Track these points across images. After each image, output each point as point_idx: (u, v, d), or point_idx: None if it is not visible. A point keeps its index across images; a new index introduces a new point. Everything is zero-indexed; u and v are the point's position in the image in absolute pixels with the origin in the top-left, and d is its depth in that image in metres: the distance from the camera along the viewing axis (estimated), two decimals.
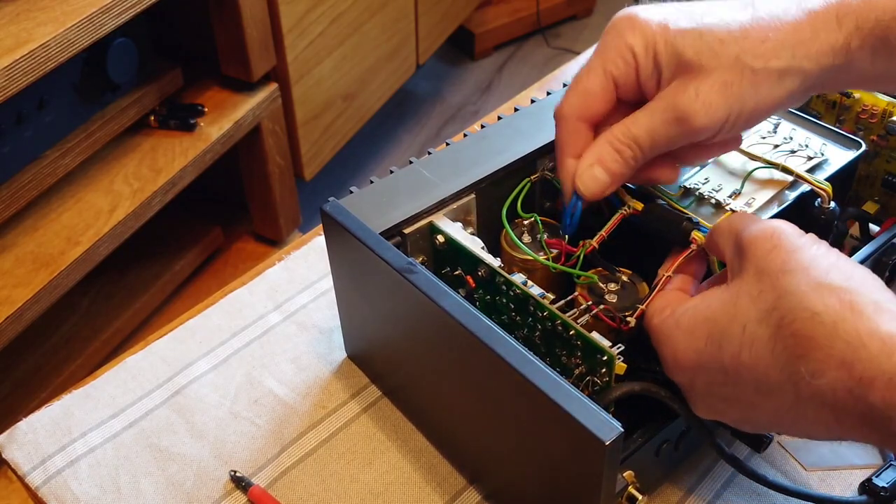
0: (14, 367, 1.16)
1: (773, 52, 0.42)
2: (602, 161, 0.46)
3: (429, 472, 0.53)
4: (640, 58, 0.45)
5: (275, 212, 1.42)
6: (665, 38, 0.44)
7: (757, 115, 0.44)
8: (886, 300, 0.35)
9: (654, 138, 0.45)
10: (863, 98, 0.59)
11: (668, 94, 0.44)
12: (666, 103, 0.44)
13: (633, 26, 0.45)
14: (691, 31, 0.43)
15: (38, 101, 1.01)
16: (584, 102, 0.47)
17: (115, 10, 0.98)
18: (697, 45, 0.43)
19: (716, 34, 0.43)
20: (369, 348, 0.57)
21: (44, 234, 1.06)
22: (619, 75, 0.45)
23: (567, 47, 2.28)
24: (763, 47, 0.42)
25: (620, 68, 0.45)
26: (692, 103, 0.43)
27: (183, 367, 0.60)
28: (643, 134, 0.45)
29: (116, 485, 0.53)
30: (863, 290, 0.35)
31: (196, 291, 1.37)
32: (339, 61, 1.50)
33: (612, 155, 0.46)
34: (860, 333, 0.34)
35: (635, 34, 0.44)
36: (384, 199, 0.51)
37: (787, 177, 0.54)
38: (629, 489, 0.43)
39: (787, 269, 0.37)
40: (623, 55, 0.45)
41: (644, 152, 0.46)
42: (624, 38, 0.45)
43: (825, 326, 0.34)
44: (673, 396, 0.43)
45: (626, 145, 0.46)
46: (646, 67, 0.45)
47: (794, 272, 0.37)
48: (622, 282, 0.51)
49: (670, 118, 0.44)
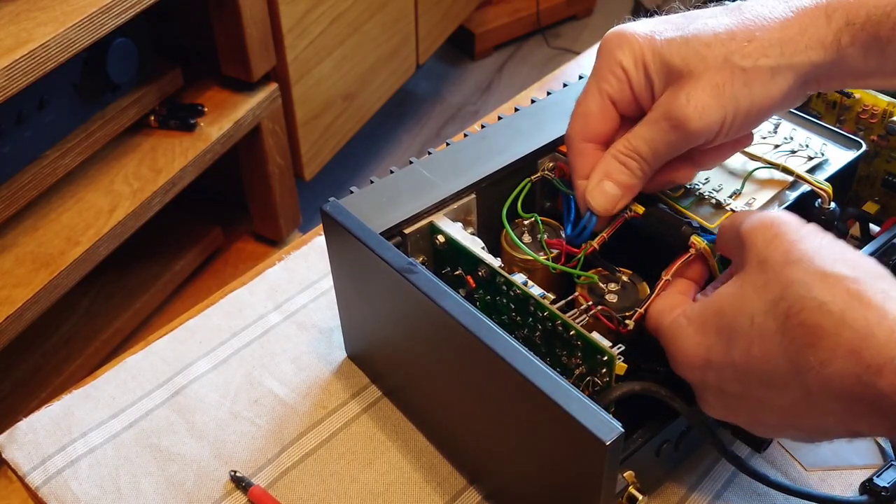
0: (14, 367, 1.16)
1: (761, 51, 0.43)
2: (610, 175, 0.47)
3: (429, 472, 0.53)
4: (631, 73, 0.45)
5: (275, 212, 1.42)
6: (652, 50, 0.45)
7: (755, 114, 0.44)
8: (894, 289, 0.35)
9: (654, 147, 0.46)
10: (863, 98, 0.59)
11: (662, 103, 0.45)
12: (661, 112, 0.45)
13: (620, 43, 0.46)
14: (677, 39, 0.44)
15: (38, 101, 1.01)
16: (586, 123, 0.48)
17: (115, 10, 0.98)
18: (684, 51, 0.44)
19: (701, 39, 0.44)
20: (369, 348, 0.57)
21: (44, 234, 1.06)
22: (614, 93, 0.46)
23: (567, 47, 2.28)
24: (750, 46, 0.43)
25: (614, 86, 0.46)
26: (685, 108, 0.43)
27: (183, 367, 0.60)
28: (643, 144, 0.46)
29: (116, 485, 0.53)
30: (870, 279, 0.35)
31: (196, 291, 1.37)
32: (339, 61, 1.50)
33: (619, 168, 0.47)
34: (868, 322, 0.34)
35: (623, 50, 0.45)
36: (384, 199, 0.51)
37: (788, 177, 0.54)
38: (629, 489, 0.43)
39: (792, 258, 0.37)
40: (615, 72, 0.46)
41: (648, 162, 0.46)
42: (614, 55, 0.46)
43: (833, 315, 0.34)
44: (673, 396, 0.43)
45: (629, 157, 0.47)
46: (638, 81, 0.46)
47: (798, 262, 0.37)
48: (622, 282, 0.51)
49: (667, 126, 0.45)
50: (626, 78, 0.46)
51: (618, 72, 0.46)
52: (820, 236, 0.38)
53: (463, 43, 2.23)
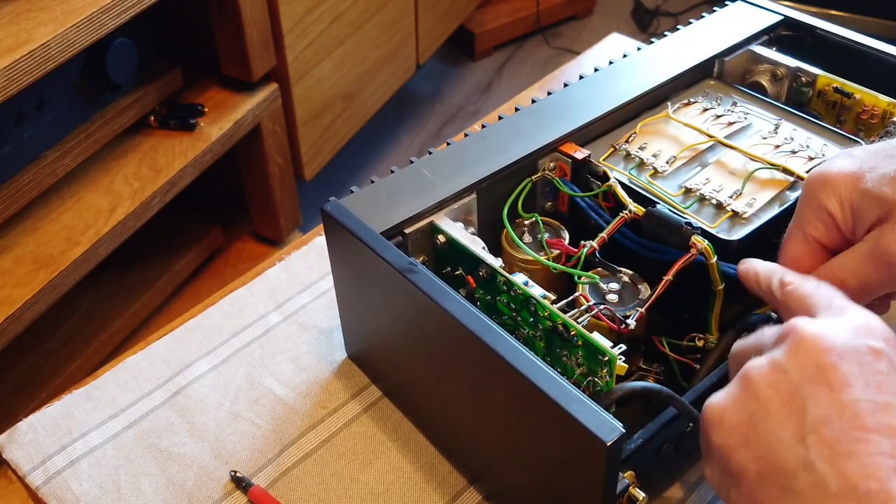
0: (14, 367, 1.16)
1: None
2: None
3: (429, 472, 0.53)
4: (837, 215, 0.44)
5: (275, 212, 1.42)
6: (860, 189, 0.43)
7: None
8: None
9: (862, 282, 0.44)
10: (863, 99, 0.59)
11: (873, 237, 0.43)
12: (871, 246, 0.43)
13: (823, 185, 0.45)
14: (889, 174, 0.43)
15: (38, 101, 1.01)
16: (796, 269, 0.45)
17: (115, 10, 0.97)
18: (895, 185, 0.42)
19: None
20: (369, 348, 0.57)
21: (44, 234, 1.06)
22: (820, 236, 0.45)
23: (567, 47, 2.28)
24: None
25: (820, 230, 0.45)
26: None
27: (183, 367, 0.60)
28: (851, 278, 0.44)
29: (116, 485, 0.53)
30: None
31: (196, 291, 1.37)
32: (339, 61, 1.50)
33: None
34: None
35: (827, 193, 0.44)
36: (385, 199, 0.51)
37: (788, 177, 0.54)
38: (630, 489, 0.43)
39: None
40: (820, 217, 0.45)
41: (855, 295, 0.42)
42: (818, 199, 0.45)
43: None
44: (674, 396, 0.43)
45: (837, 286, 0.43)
46: (845, 221, 0.44)
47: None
48: (623, 282, 0.51)
49: (878, 261, 0.43)
50: (832, 221, 0.45)
51: (823, 216, 0.45)
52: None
53: (463, 43, 2.23)
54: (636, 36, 2.13)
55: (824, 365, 0.34)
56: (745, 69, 0.66)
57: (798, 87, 0.64)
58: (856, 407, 0.33)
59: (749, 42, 0.66)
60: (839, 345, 0.35)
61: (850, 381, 0.34)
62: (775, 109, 0.61)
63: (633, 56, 0.64)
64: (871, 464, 0.32)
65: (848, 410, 0.33)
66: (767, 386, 0.35)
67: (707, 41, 0.65)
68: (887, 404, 0.34)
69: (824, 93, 0.62)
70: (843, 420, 0.33)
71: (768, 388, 0.35)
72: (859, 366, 0.35)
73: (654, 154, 0.56)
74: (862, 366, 0.35)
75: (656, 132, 0.59)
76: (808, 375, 0.35)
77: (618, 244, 0.52)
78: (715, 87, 0.64)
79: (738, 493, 0.36)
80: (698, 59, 0.63)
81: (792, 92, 0.64)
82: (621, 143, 0.58)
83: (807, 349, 0.35)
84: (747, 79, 0.66)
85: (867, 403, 0.33)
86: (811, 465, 0.33)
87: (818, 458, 0.33)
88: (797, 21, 0.67)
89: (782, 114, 0.60)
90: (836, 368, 0.34)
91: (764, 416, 0.35)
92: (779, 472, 0.34)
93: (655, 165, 0.55)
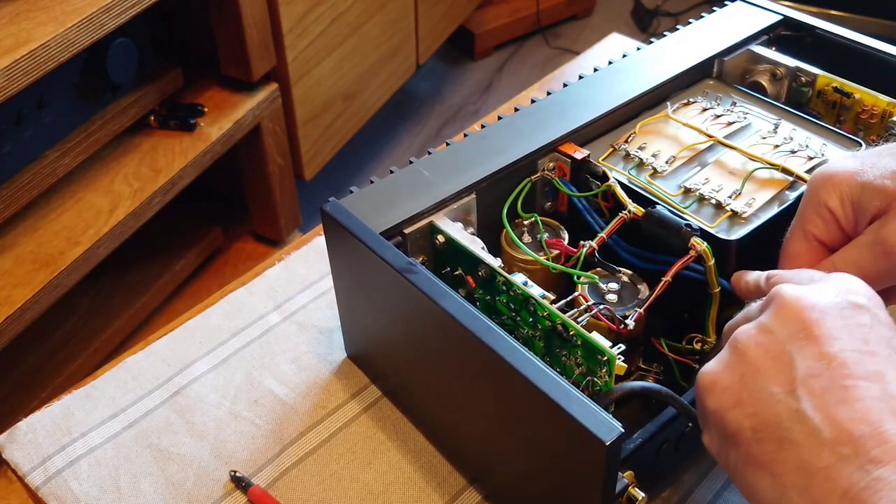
0: (14, 367, 1.16)
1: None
2: None
3: (429, 472, 0.53)
4: (838, 212, 0.45)
5: (275, 212, 1.42)
6: (861, 183, 0.44)
7: None
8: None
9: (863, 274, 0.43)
10: (863, 98, 0.59)
11: (874, 229, 0.44)
12: (871, 237, 0.44)
13: (825, 183, 0.45)
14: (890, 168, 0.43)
15: (38, 101, 1.01)
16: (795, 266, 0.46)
17: (115, 10, 0.98)
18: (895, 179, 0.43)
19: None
20: (369, 348, 0.57)
21: (44, 234, 1.06)
22: (820, 233, 0.46)
23: (567, 47, 2.28)
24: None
25: (820, 227, 0.46)
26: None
27: (183, 367, 0.60)
28: (852, 269, 0.44)
29: (116, 485, 0.53)
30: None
31: (196, 291, 1.37)
32: (339, 61, 1.50)
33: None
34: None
35: (829, 190, 0.45)
36: (384, 199, 0.51)
37: (788, 177, 0.54)
38: (629, 489, 0.43)
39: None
40: (820, 214, 0.45)
41: None
42: (819, 197, 0.45)
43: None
44: (673, 396, 0.43)
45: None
46: (846, 218, 0.45)
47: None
48: (622, 282, 0.51)
49: (878, 252, 0.43)
50: (832, 218, 0.45)
51: (824, 213, 0.45)
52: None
53: (463, 43, 2.23)
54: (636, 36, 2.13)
55: (808, 321, 0.36)
56: (744, 69, 0.66)
57: (798, 86, 0.64)
58: (842, 357, 0.34)
59: (749, 42, 0.66)
60: (822, 302, 0.36)
61: (834, 334, 0.35)
62: (775, 109, 0.61)
63: (633, 56, 0.64)
64: (862, 408, 0.33)
65: (834, 361, 0.34)
66: (755, 346, 0.36)
67: (706, 41, 0.65)
68: (872, 352, 0.35)
69: (824, 93, 0.62)
70: (831, 370, 0.34)
71: (756, 348, 0.36)
72: (842, 319, 0.36)
73: (654, 154, 0.56)
74: (845, 319, 0.36)
75: (656, 132, 0.59)
76: (793, 332, 0.36)
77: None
78: (714, 86, 0.64)
79: (737, 453, 0.36)
80: (698, 59, 0.63)
81: (791, 92, 0.64)
82: (621, 143, 0.58)
83: (790, 308, 0.36)
84: (747, 79, 0.66)
85: (853, 353, 0.34)
86: (803, 414, 0.34)
87: (809, 407, 0.34)
88: (797, 21, 0.67)
89: (782, 114, 0.60)
90: (819, 323, 0.35)
91: (754, 374, 0.36)
92: (773, 425, 0.35)
93: (655, 165, 0.56)
